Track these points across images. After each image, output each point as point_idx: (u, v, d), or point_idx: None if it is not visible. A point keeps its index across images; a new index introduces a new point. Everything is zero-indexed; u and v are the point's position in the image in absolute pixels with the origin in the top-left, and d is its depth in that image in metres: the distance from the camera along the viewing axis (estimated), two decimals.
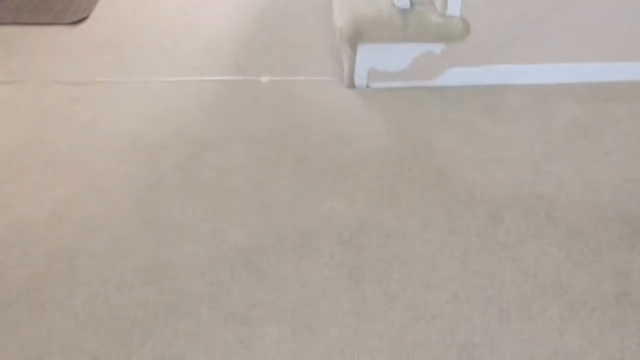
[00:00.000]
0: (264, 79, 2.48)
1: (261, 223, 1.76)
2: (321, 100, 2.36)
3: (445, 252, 1.66)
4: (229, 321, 1.47)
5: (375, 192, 1.87)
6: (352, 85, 2.45)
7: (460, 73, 2.41)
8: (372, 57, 2.38)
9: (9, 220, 1.77)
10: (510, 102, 2.32)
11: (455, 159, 2.02)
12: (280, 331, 1.45)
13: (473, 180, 1.91)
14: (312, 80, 2.48)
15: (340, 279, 1.58)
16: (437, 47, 2.34)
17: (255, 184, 1.90)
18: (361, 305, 1.51)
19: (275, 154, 2.04)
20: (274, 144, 2.09)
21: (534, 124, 2.18)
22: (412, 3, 2.30)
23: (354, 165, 1.99)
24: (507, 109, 2.27)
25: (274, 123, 2.20)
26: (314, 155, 2.04)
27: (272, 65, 2.55)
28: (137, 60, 2.59)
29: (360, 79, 2.44)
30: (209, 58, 2.60)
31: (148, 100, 2.33)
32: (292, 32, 2.79)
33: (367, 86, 2.45)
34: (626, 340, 1.40)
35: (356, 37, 2.28)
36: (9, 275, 1.59)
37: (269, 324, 1.46)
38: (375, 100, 2.37)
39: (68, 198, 1.85)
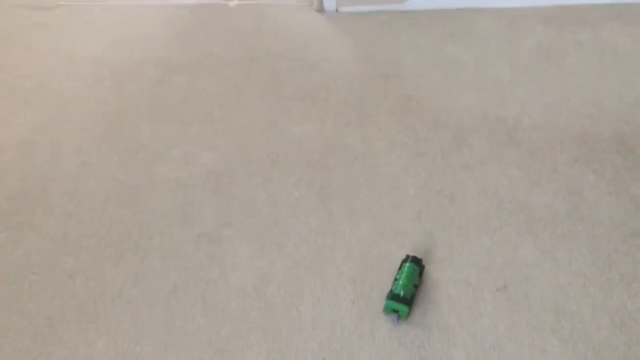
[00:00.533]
0: (231, 2, 2.44)
1: (231, 146, 1.79)
2: (290, 25, 2.35)
3: (410, 173, 1.72)
4: (200, 240, 1.53)
5: (344, 116, 1.91)
6: (321, 8, 2.43)
7: None
8: None
9: None
10: (479, 26, 2.33)
11: (423, 83, 2.05)
12: (250, 248, 1.51)
13: (440, 104, 1.95)
14: (280, 3, 2.45)
15: (308, 198, 1.63)
16: None
17: (225, 109, 1.92)
18: (328, 223, 1.57)
19: (244, 79, 2.04)
20: (244, 68, 2.09)
21: (501, 49, 2.21)
22: None
23: (322, 89, 2.01)
24: (477, 34, 2.29)
25: (242, 48, 2.19)
26: (283, 80, 2.05)
27: None
28: None
29: (329, 3, 2.42)
30: None
31: (112, 25, 2.29)
32: None
33: (337, 10, 2.44)
34: (574, 250, 1.49)
35: None
36: None
37: (239, 242, 1.52)
38: (344, 24, 2.36)
39: (36, 124, 1.84)
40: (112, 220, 1.57)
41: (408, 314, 1.35)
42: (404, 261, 1.43)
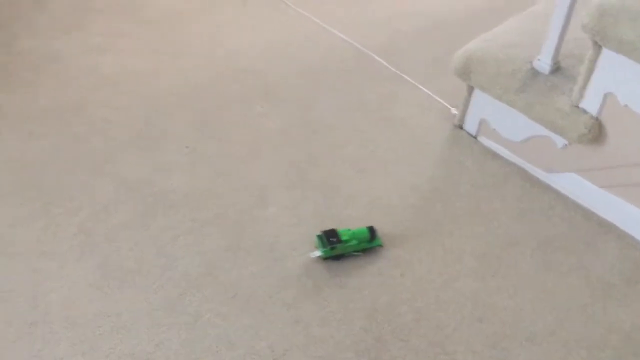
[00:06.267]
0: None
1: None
2: (413, 123, 2.05)
3: None
4: None
5: None
6: (460, 126, 2.05)
7: (580, 184, 1.80)
8: (486, 108, 1.93)
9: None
10: (605, 253, 1.67)
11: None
12: None
13: None
14: (429, 98, 2.15)
15: None
16: (559, 139, 1.78)
17: None
18: None
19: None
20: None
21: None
22: (556, 69, 1.76)
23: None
24: (595, 263, 1.65)
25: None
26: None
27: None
28: None
29: (470, 125, 2.02)
30: None
31: None
32: None
33: (475, 137, 2.02)
34: None
35: (463, 74, 1.87)
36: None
37: None
38: (464, 157, 1.94)
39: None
40: None
41: (326, 255, 1.52)
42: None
